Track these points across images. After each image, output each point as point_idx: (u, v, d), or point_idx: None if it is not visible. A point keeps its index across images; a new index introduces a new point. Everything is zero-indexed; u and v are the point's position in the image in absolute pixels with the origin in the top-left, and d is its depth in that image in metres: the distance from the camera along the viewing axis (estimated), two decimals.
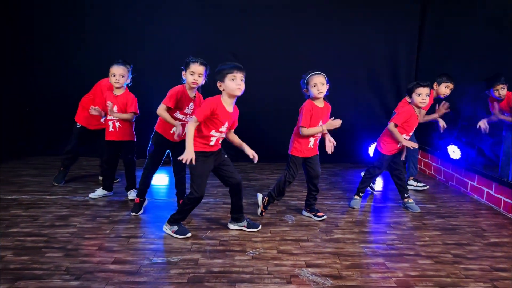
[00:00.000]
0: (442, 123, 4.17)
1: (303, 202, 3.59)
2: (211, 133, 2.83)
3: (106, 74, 3.71)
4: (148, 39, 5.37)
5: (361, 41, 5.46)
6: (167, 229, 3.00)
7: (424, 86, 3.50)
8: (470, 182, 4.26)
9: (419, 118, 3.67)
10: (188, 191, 2.99)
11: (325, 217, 3.42)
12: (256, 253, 2.73)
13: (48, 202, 3.68)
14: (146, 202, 3.54)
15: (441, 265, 2.62)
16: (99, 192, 3.85)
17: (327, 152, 3.31)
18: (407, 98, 3.65)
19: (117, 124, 3.66)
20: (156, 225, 3.18)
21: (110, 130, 3.68)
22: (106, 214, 3.39)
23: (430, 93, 3.58)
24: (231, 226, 3.16)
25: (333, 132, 5.50)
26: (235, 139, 3.07)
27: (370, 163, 3.90)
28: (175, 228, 2.97)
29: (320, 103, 3.30)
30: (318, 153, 3.42)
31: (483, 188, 4.03)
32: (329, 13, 5.41)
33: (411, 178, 4.47)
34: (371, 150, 5.60)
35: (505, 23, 3.91)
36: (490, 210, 3.81)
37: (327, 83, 3.25)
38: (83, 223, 3.19)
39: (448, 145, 4.74)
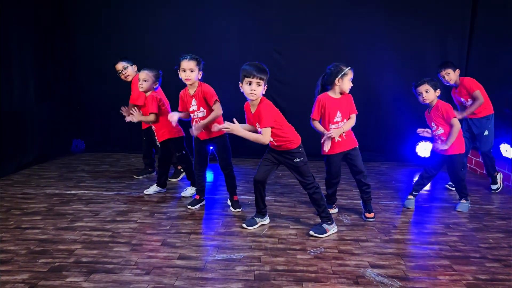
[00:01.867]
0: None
1: (354, 202, 3.55)
2: None
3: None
4: (193, 36, 5.42)
5: (412, 41, 5.33)
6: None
7: (417, 85, 3.51)
8: None
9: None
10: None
11: (372, 219, 3.36)
12: (317, 252, 2.73)
13: (106, 197, 3.80)
14: (203, 202, 3.62)
15: (511, 269, 2.54)
16: (153, 188, 3.95)
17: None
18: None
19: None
20: (213, 222, 3.23)
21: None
22: (163, 210, 3.47)
23: (429, 89, 3.47)
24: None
25: (380, 131, 5.49)
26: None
27: (425, 163, 3.79)
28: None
29: (335, 95, 3.23)
30: (356, 145, 3.30)
31: None
32: (379, 12, 5.30)
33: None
34: (419, 148, 5.49)
35: None
36: None
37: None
38: (142, 219, 3.27)
39: (501, 143, 4.58)
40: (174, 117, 3.36)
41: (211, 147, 3.51)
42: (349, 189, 4.20)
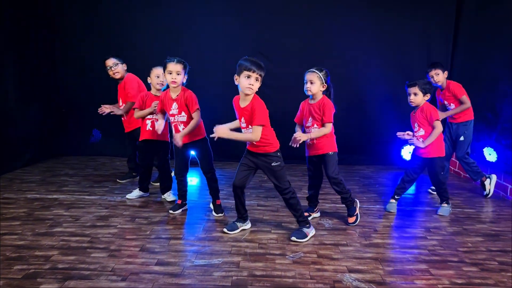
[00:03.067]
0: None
1: (337, 205, 3.57)
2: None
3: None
4: (178, 38, 5.41)
5: (397, 45, 5.38)
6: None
7: (409, 86, 3.56)
8: (510, 186, 4.14)
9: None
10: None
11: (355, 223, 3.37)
12: (296, 257, 2.73)
13: (88, 202, 3.77)
14: (186, 207, 3.62)
15: (487, 273, 2.56)
16: (136, 193, 3.92)
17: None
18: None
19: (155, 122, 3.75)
20: (195, 227, 3.22)
21: (148, 129, 3.75)
22: (145, 215, 3.45)
23: (418, 93, 3.52)
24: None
25: (365, 134, 5.52)
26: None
27: (407, 167, 3.81)
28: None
29: (311, 100, 3.28)
30: (329, 151, 3.26)
31: None
32: (363, 13, 5.34)
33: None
34: (404, 152, 5.52)
35: None
36: None
37: (326, 83, 3.21)
38: (123, 224, 3.25)
39: (484, 147, 4.63)
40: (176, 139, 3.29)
41: (192, 152, 3.50)
42: (332, 193, 4.18)
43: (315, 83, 3.18)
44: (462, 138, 4.18)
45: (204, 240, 2.97)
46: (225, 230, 3.10)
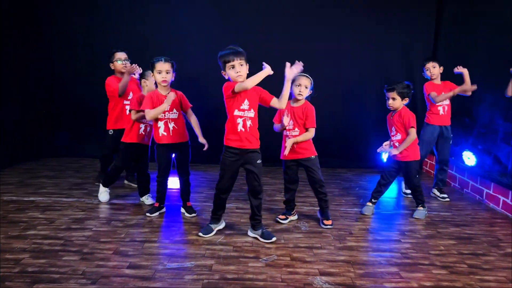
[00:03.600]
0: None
1: (316, 208, 3.59)
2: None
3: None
4: (161, 41, 5.40)
5: (375, 46, 5.44)
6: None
7: (387, 90, 3.60)
8: (486, 190, 4.20)
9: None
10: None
11: (330, 226, 3.39)
12: (270, 260, 2.74)
13: (65, 204, 3.74)
14: (163, 210, 3.61)
15: (456, 276, 2.59)
16: (104, 192, 3.87)
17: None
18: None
19: (148, 127, 3.73)
20: (170, 230, 3.22)
21: (141, 132, 3.70)
22: (121, 218, 3.44)
23: (396, 97, 3.58)
24: (249, 233, 3.17)
25: (346, 138, 5.56)
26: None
27: (383, 170, 3.85)
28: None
29: (294, 103, 3.33)
30: (311, 156, 3.33)
31: (499, 196, 3.98)
32: (342, 17, 5.40)
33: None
34: (384, 155, 5.57)
35: None
36: (506, 219, 3.75)
37: (310, 89, 3.28)
38: (98, 227, 3.23)
39: (463, 151, 4.69)
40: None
41: (173, 154, 3.49)
42: (311, 196, 4.20)
43: (307, 88, 3.25)
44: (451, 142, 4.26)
45: (179, 243, 2.96)
46: (200, 234, 3.09)
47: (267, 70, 2.74)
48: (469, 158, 4.61)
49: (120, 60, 4.10)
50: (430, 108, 4.24)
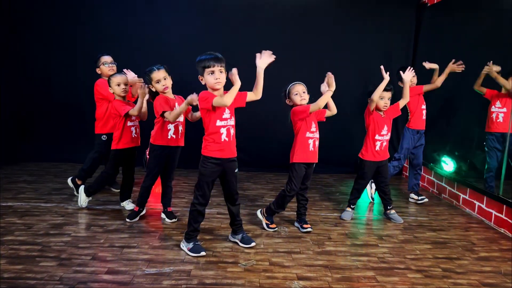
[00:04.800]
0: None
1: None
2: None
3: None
4: (149, 44, 5.39)
5: (359, 55, 5.53)
6: (183, 246, 2.95)
7: (386, 90, 3.61)
8: (462, 196, 4.30)
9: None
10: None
11: (310, 229, 3.44)
12: (249, 265, 2.76)
13: (43, 210, 3.70)
14: (144, 212, 3.59)
15: (430, 279, 2.66)
16: (84, 197, 3.79)
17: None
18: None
19: (137, 129, 3.70)
20: (150, 235, 3.21)
21: (133, 136, 3.66)
22: (101, 223, 3.42)
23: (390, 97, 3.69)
24: (230, 238, 3.18)
25: (329, 141, 5.63)
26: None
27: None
28: (191, 245, 2.92)
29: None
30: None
31: (475, 201, 4.08)
32: (326, 24, 5.48)
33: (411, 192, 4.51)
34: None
35: (500, 39, 3.96)
36: (481, 224, 3.85)
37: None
38: (77, 232, 3.21)
39: (441, 157, 4.80)
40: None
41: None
42: (293, 201, 4.25)
43: (306, 93, 3.37)
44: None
45: (158, 249, 2.97)
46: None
47: (237, 84, 2.74)
48: (447, 164, 4.72)
49: (107, 63, 4.07)
50: (413, 113, 4.33)
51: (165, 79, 3.23)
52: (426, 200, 4.40)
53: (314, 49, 5.48)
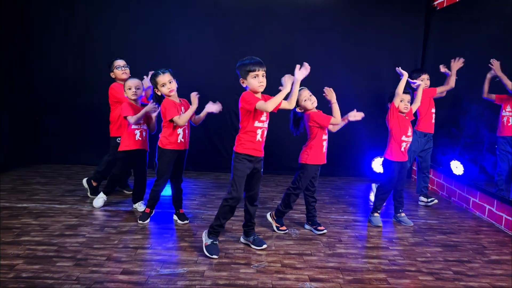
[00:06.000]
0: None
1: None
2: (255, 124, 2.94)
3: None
4: (157, 48, 5.48)
5: (365, 56, 5.55)
6: (204, 238, 3.02)
7: (406, 93, 3.63)
8: (472, 199, 4.31)
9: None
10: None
11: (325, 231, 3.48)
12: (261, 266, 2.80)
13: (57, 211, 3.76)
14: (152, 213, 3.65)
15: (441, 282, 2.67)
16: (101, 199, 3.92)
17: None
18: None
19: (144, 133, 3.77)
20: (163, 236, 3.26)
21: (137, 138, 3.72)
22: (114, 225, 3.47)
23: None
24: (241, 239, 3.23)
25: (339, 144, 5.66)
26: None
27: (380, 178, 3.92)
28: (209, 241, 2.98)
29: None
30: (300, 162, 3.48)
31: (485, 205, 4.08)
32: (335, 28, 5.52)
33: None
34: (374, 164, 5.67)
35: (511, 42, 3.97)
36: (491, 227, 3.85)
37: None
38: (91, 233, 3.26)
39: (451, 160, 4.80)
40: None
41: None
42: (302, 204, 4.28)
43: (312, 96, 3.40)
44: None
45: (172, 250, 3.01)
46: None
47: (285, 91, 2.85)
48: (456, 168, 4.72)
49: (119, 67, 4.13)
50: (422, 116, 4.35)
51: (170, 82, 3.29)
52: (435, 201, 4.41)
53: (323, 53, 5.51)
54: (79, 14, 5.48)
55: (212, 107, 3.32)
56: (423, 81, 4.30)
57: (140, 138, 3.73)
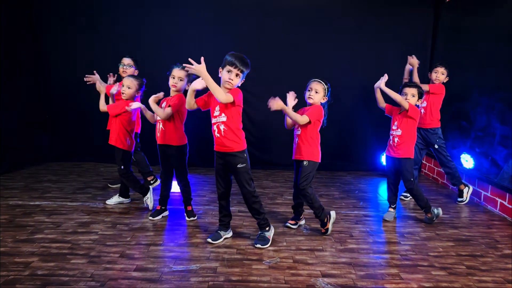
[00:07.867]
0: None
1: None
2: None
3: None
4: (161, 45, 5.48)
5: (374, 49, 5.52)
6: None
7: (410, 86, 3.64)
8: (483, 193, 4.28)
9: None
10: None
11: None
12: (273, 262, 2.80)
13: (70, 208, 3.80)
14: (166, 213, 3.69)
15: (455, 277, 2.66)
16: (116, 199, 3.96)
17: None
18: None
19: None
20: (175, 233, 3.28)
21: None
22: (126, 222, 3.50)
23: (416, 94, 3.64)
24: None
25: (347, 141, 5.65)
26: None
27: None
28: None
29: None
30: (303, 158, 3.27)
31: (497, 198, 4.05)
32: (343, 22, 5.49)
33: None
34: (384, 158, 5.64)
35: None
36: (503, 221, 3.83)
37: (326, 96, 3.31)
38: (104, 230, 3.29)
39: (461, 154, 4.76)
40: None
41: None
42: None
43: (319, 93, 3.26)
44: (436, 146, 4.32)
45: (184, 246, 3.03)
46: (209, 240, 3.12)
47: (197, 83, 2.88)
48: (467, 161, 4.69)
49: (121, 64, 4.18)
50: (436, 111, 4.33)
51: (180, 80, 3.32)
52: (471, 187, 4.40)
53: (331, 48, 5.49)
54: (87, 16, 5.49)
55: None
56: (436, 73, 4.27)
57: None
